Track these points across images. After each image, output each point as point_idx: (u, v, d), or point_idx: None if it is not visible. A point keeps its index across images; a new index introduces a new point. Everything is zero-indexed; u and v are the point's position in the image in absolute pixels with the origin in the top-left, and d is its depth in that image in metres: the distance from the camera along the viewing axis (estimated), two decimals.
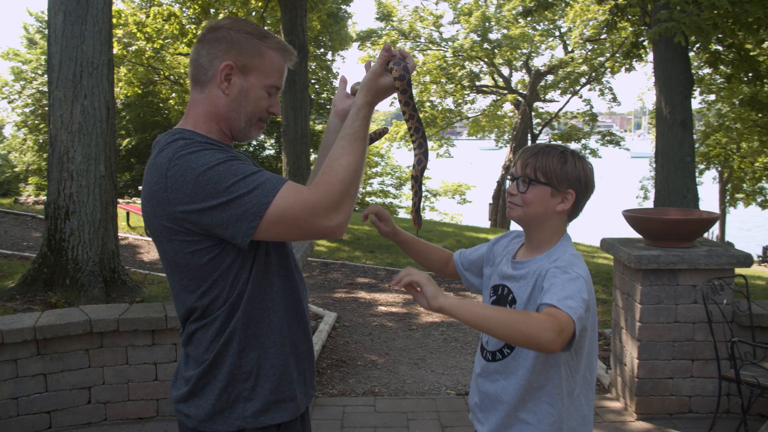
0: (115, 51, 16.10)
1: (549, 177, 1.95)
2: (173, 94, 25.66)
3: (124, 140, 26.95)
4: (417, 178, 1.82)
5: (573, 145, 25.79)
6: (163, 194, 1.60)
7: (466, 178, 32.35)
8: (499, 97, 26.86)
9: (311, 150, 28.65)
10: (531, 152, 2.01)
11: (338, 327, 6.60)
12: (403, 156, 31.00)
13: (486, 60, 25.01)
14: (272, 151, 27.97)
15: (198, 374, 1.72)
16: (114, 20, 15.60)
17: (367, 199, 30.86)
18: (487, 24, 24.19)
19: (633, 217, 4.41)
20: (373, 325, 6.79)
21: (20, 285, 6.92)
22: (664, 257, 4.19)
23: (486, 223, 25.09)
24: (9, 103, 29.12)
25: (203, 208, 1.56)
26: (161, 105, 27.38)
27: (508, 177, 2.05)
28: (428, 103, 26.57)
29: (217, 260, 1.65)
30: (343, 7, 22.03)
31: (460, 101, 26.94)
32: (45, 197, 11.10)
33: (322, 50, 26.61)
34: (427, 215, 29.18)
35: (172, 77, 25.49)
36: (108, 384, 4.27)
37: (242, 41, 1.75)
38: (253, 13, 16.64)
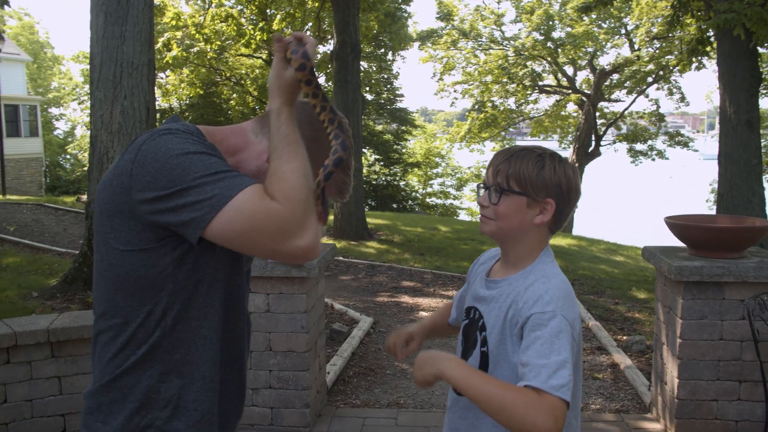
0: (174, 53, 16.32)
1: (524, 185, 1.69)
2: (234, 95, 26.01)
3: None
4: (329, 173, 1.51)
5: (639, 146, 25.01)
6: (127, 179, 1.40)
7: None
8: (562, 97, 26.24)
9: (368, 150, 28.67)
10: (503, 157, 1.74)
11: (373, 333, 6.42)
12: (464, 157, 30.65)
13: (549, 59, 24.47)
14: None
15: (101, 387, 1.53)
16: (173, 22, 15.89)
17: (428, 200, 30.64)
18: (550, 22, 23.66)
19: (675, 225, 4.07)
20: None
21: (61, 283, 6.99)
22: (707, 268, 3.85)
23: None
24: (79, 104, 30.15)
25: (161, 195, 1.36)
26: (224, 106, 27.77)
27: (481, 186, 1.80)
28: (490, 104, 26.19)
29: (154, 257, 1.44)
30: (403, 6, 21.83)
31: (522, 101, 26.45)
32: None
33: (382, 50, 26.53)
34: None
35: (233, 78, 25.76)
36: None
37: (321, 149, 1.54)
38: (311, 14, 16.67)
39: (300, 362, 4.13)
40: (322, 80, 24.53)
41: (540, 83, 25.63)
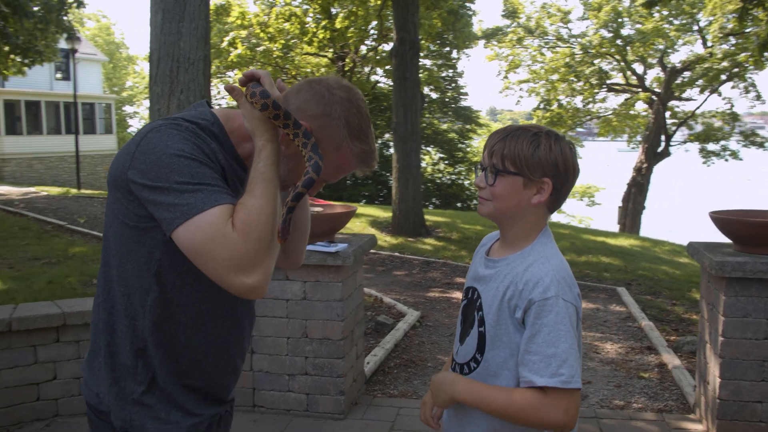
0: (239, 51, 16.66)
1: (519, 165, 1.67)
2: None
3: None
4: (299, 193, 1.52)
5: (711, 146, 24.21)
6: (128, 159, 1.47)
7: (597, 180, 31.12)
8: (631, 96, 25.63)
9: (433, 149, 28.60)
10: (498, 137, 1.72)
11: (419, 326, 6.42)
12: None
13: (617, 57, 23.94)
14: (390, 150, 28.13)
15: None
16: (238, 21, 16.23)
17: None
18: (618, 19, 23.14)
19: (718, 219, 3.95)
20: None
21: None
22: (751, 264, 3.72)
23: (615, 227, 23.97)
24: None
25: (147, 185, 1.43)
26: None
27: (477, 167, 1.79)
28: (556, 102, 25.80)
29: (145, 236, 1.51)
30: (467, 4, 21.71)
31: (589, 100, 25.96)
32: None
33: (447, 48, 26.45)
34: (554, 216, 28.29)
35: (299, 77, 26.15)
36: None
37: (333, 123, 1.55)
38: (373, 12, 16.76)
39: (335, 350, 4.17)
40: (382, 77, 24.57)
41: (608, 81, 25.11)
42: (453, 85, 28.44)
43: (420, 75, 26.52)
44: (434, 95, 27.51)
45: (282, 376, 4.26)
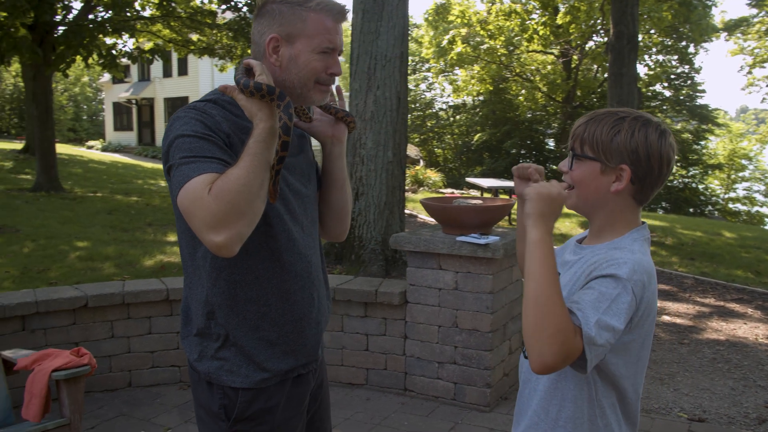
0: (459, 49, 16.93)
1: (596, 150, 1.61)
2: (523, 91, 26.16)
3: (475, 135, 28.25)
4: (281, 157, 1.63)
5: None
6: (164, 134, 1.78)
7: None
8: None
9: None
10: (583, 120, 1.67)
11: None
12: None
13: None
14: None
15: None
16: (458, 20, 16.49)
17: (731, 206, 27.96)
18: None
19: None
20: None
21: None
22: None
23: None
24: None
25: (165, 168, 1.70)
26: (513, 102, 28.05)
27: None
28: None
29: None
30: None
31: None
32: None
33: (684, 43, 24.77)
34: None
35: (523, 75, 25.95)
36: (326, 347, 4.61)
37: (284, 11, 1.78)
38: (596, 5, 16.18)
39: (483, 342, 4.19)
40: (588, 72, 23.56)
41: None
42: (689, 81, 26.54)
43: (651, 71, 25.11)
44: (667, 93, 25.88)
45: (432, 363, 4.36)
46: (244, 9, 16.93)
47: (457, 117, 32.74)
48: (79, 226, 10.03)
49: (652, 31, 22.57)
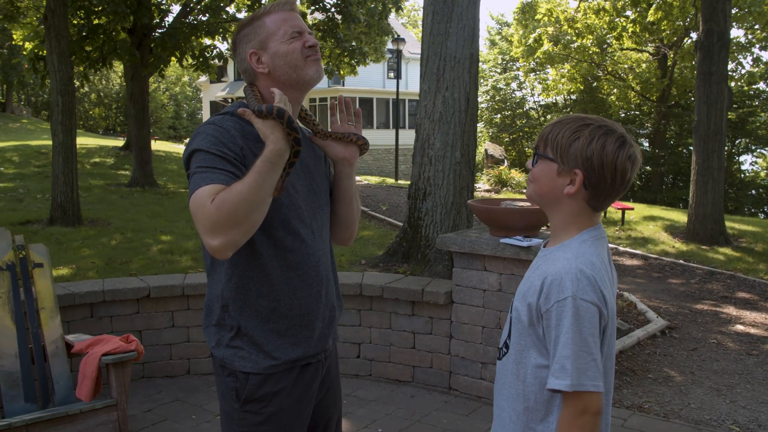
0: (545, 48, 16.69)
1: (555, 152, 1.69)
2: (615, 90, 25.46)
3: None
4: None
5: None
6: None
7: None
8: None
9: (766, 151, 25.53)
10: (552, 123, 1.76)
11: (659, 337, 6.03)
12: None
13: None
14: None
15: None
16: (545, 18, 16.26)
17: None
18: None
19: None
20: (709, 342, 6.03)
21: (385, 255, 7.89)
22: None
23: None
24: None
25: (186, 168, 1.92)
26: (606, 101, 27.34)
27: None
28: None
29: None
30: None
31: None
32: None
33: None
34: None
35: (616, 73, 25.25)
36: (374, 344, 4.73)
37: (247, 33, 2.02)
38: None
39: None
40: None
41: None
42: None
43: (754, 68, 23.92)
44: None
45: (475, 363, 4.40)
46: (333, 10, 17.29)
47: (548, 116, 32.20)
48: (166, 221, 10.54)
49: (756, 26, 21.56)
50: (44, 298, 3.69)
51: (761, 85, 26.47)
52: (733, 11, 16.36)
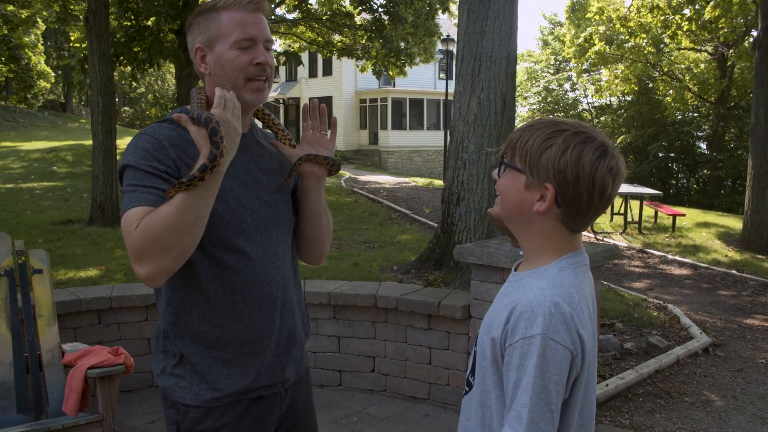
0: (597, 47, 16.21)
1: (524, 162, 1.42)
2: (670, 91, 24.64)
3: (619, 137, 27.00)
4: (192, 176, 1.61)
5: None
6: None
7: None
8: None
9: None
10: (522, 127, 1.47)
11: (701, 355, 5.65)
12: None
13: None
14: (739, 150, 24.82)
15: None
16: (597, 17, 15.79)
17: None
18: None
19: None
20: (757, 362, 5.63)
21: (417, 261, 7.67)
22: None
23: None
24: (523, 99, 32.06)
25: (120, 182, 1.75)
26: (662, 102, 26.52)
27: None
28: None
29: None
30: None
31: None
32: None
33: None
34: None
35: (672, 74, 24.44)
36: (389, 358, 4.52)
37: (200, 21, 1.79)
38: None
39: None
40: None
41: None
42: None
43: None
44: None
45: None
46: (380, 11, 17.15)
47: (602, 118, 31.45)
48: None
49: None
50: (42, 306, 3.59)
51: None
52: None
